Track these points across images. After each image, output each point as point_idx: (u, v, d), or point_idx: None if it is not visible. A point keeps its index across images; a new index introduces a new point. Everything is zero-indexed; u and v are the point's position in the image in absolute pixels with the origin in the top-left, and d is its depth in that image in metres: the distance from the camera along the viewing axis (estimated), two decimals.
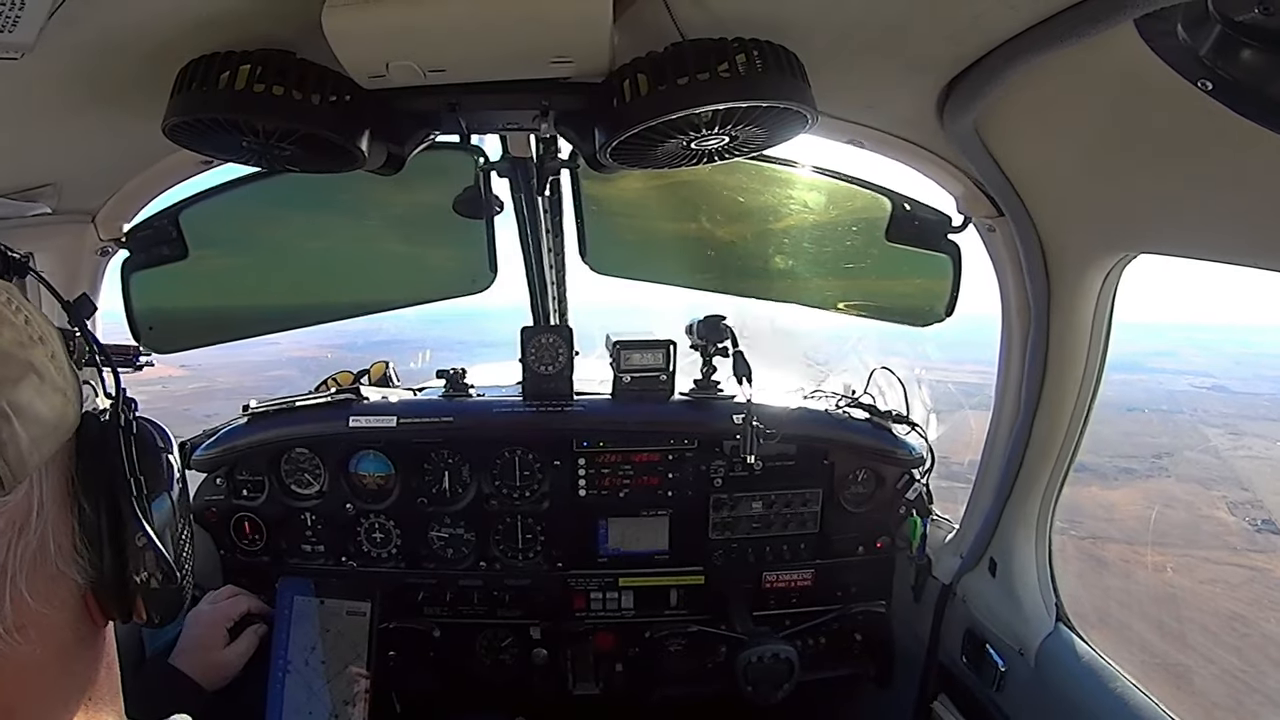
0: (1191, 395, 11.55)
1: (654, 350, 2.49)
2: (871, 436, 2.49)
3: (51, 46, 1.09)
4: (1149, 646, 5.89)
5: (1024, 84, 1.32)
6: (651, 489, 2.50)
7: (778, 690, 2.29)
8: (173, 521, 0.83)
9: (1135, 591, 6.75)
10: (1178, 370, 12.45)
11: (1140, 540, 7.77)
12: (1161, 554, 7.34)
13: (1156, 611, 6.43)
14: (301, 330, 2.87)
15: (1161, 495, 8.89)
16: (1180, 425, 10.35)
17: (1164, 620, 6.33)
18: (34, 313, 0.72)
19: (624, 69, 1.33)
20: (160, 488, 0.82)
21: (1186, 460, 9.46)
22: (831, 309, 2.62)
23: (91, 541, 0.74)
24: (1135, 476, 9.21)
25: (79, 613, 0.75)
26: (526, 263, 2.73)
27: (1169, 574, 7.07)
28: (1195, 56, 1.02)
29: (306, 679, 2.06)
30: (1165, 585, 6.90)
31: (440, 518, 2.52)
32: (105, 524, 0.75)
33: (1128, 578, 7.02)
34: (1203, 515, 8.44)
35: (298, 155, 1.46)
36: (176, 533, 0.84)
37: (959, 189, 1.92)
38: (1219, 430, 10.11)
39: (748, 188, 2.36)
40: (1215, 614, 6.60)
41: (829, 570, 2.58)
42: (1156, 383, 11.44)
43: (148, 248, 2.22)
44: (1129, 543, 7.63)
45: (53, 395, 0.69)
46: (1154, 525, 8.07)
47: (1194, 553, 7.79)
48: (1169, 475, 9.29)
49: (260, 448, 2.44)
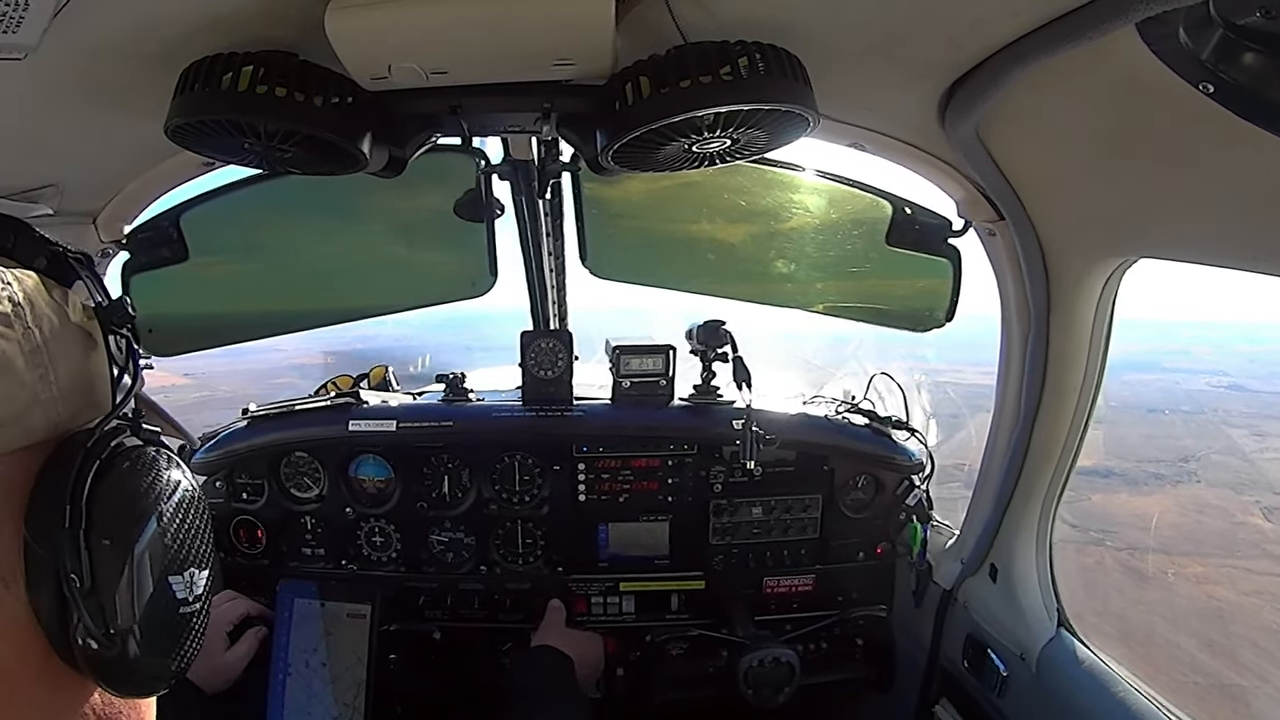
0: (1210, 395, 11.49)
1: (654, 355, 2.50)
2: (871, 443, 2.49)
3: (54, 47, 1.09)
4: (1200, 666, 5.77)
5: (1025, 88, 1.32)
6: (651, 494, 2.50)
7: (779, 694, 2.28)
8: (130, 574, 0.69)
9: (1179, 606, 6.65)
10: (1194, 370, 12.40)
11: (1178, 550, 7.68)
12: (1202, 564, 7.23)
13: (1203, 627, 6.32)
14: (305, 337, 2.87)
15: (1194, 502, 8.81)
16: (1203, 427, 10.29)
17: (1212, 637, 6.22)
18: (26, 298, 0.67)
19: (626, 71, 1.33)
20: (121, 529, 0.69)
21: (1214, 464, 9.39)
22: (831, 314, 2.62)
23: (31, 579, 0.66)
24: (1164, 482, 9.14)
25: (34, 650, 0.67)
26: (527, 266, 2.73)
27: (1212, 586, 6.96)
28: (1197, 60, 1.02)
29: (307, 681, 2.06)
30: (1209, 598, 6.80)
31: (440, 522, 2.52)
32: (31, 558, 0.65)
33: (1169, 590, 6.92)
34: (1238, 522, 8.35)
35: (299, 157, 1.46)
36: (135, 588, 0.69)
37: (960, 193, 1.92)
38: (1243, 431, 10.05)
39: (748, 191, 2.36)
40: (1264, 629, 6.46)
41: (830, 575, 2.57)
42: (1174, 382, 11.40)
43: (149, 250, 2.22)
44: (1167, 553, 7.53)
45: (7, 386, 0.63)
46: (1191, 534, 7.96)
47: (1235, 563, 7.68)
48: (1198, 480, 9.22)
49: (260, 451, 2.44)
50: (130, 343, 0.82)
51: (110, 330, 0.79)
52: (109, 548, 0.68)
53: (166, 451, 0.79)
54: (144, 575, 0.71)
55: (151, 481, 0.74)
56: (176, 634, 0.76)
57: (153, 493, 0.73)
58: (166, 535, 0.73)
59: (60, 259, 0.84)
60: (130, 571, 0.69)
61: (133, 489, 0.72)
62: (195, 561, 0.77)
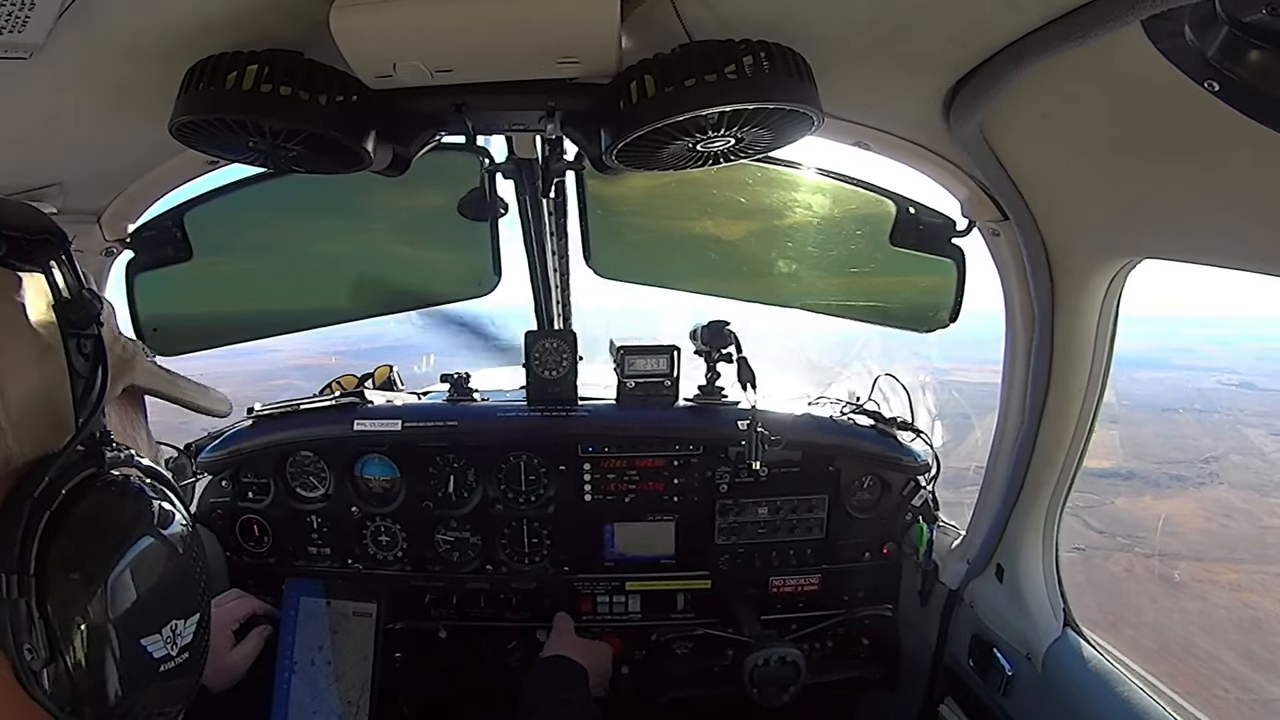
0: (1222, 393, 11.40)
1: (658, 356, 2.49)
2: (877, 443, 2.48)
3: (59, 47, 1.09)
4: (1241, 680, 5.65)
5: (1030, 86, 1.32)
6: (657, 494, 2.50)
7: (784, 693, 2.28)
8: (95, 643, 0.61)
9: (1215, 616, 6.53)
10: (1203, 367, 12.32)
11: (1210, 556, 7.55)
12: (1235, 571, 7.09)
13: (1241, 638, 6.20)
14: (306, 337, 2.87)
15: (1219, 505, 8.70)
16: (1219, 426, 10.21)
17: (1252, 649, 6.10)
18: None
19: (631, 70, 1.33)
20: (76, 596, 0.61)
21: (1234, 465, 9.29)
22: (835, 314, 2.62)
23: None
24: (1187, 484, 9.03)
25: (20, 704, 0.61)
26: (531, 266, 2.73)
27: (1246, 593, 6.82)
28: (1202, 58, 1.01)
29: (312, 679, 2.06)
30: (1244, 606, 6.68)
31: (446, 521, 2.52)
32: None
33: (1204, 599, 6.80)
34: (1266, 526, 8.24)
35: (304, 156, 1.46)
36: (101, 658, 0.61)
37: (964, 192, 1.91)
38: (1260, 431, 9.98)
39: (752, 190, 2.36)
40: None
41: (836, 575, 2.57)
42: (1184, 380, 11.33)
43: (152, 249, 2.22)
44: (1197, 559, 7.40)
45: None
46: (1220, 539, 7.82)
47: (1267, 569, 7.55)
48: (1221, 482, 9.11)
49: (265, 451, 2.45)
50: (99, 344, 0.71)
51: (72, 334, 0.68)
52: (66, 614, 0.60)
53: (143, 478, 0.69)
54: (110, 643, 0.63)
55: (117, 528, 0.65)
56: (160, 695, 0.68)
57: (118, 543, 0.64)
58: (138, 590, 0.64)
59: (19, 245, 0.69)
60: (94, 641, 0.61)
61: (92, 545, 0.63)
62: (180, 610, 0.69)
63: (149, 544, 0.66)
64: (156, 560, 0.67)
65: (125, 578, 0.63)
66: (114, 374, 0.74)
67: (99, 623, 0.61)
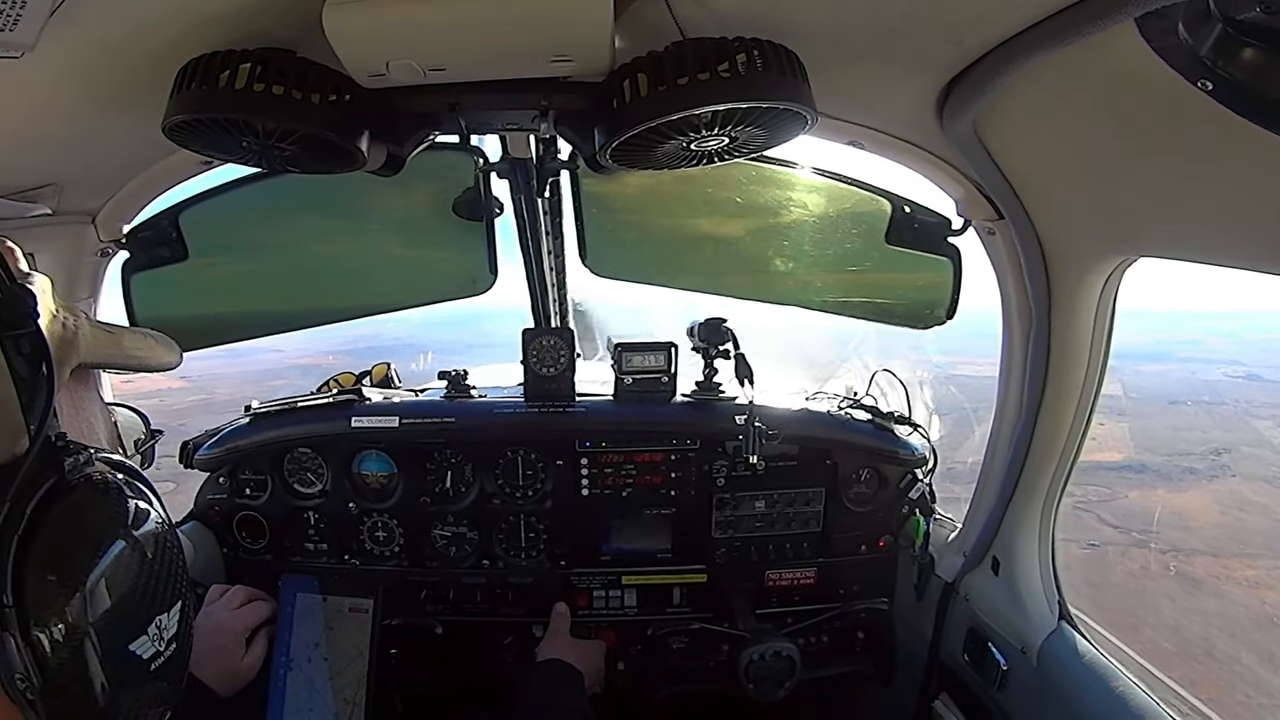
0: (1228, 385, 11.38)
1: (655, 353, 2.50)
2: (874, 437, 2.49)
3: (52, 46, 1.09)
4: (1263, 684, 5.57)
5: (1023, 84, 1.32)
6: (654, 488, 2.51)
7: (780, 688, 2.29)
8: (81, 663, 0.59)
9: (1235, 615, 6.45)
10: (1207, 359, 12.30)
11: (1226, 551, 7.47)
12: (1252, 567, 6.99)
13: (1263, 639, 6.12)
14: (304, 337, 2.87)
15: (1232, 498, 8.63)
16: (1227, 418, 10.17)
17: (1273, 650, 6.03)
18: None
19: (624, 68, 1.33)
20: (55, 587, 0.59)
21: (1245, 457, 9.24)
22: (832, 311, 2.62)
23: None
24: (1199, 477, 8.97)
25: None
26: (527, 264, 2.73)
27: (1265, 590, 6.73)
28: (1196, 56, 1.01)
29: (308, 676, 2.06)
30: (1263, 604, 6.59)
31: (443, 517, 2.53)
32: None
33: (1222, 598, 6.71)
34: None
35: (298, 155, 1.46)
36: (90, 674, 0.59)
37: (959, 191, 1.92)
38: (1268, 423, 9.96)
39: (748, 189, 2.36)
40: None
41: (832, 569, 2.58)
42: (1190, 373, 11.30)
43: (148, 249, 2.23)
44: (1214, 554, 7.32)
45: None
46: (1235, 534, 7.72)
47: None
48: (1233, 474, 9.05)
49: (263, 447, 2.45)
50: (37, 339, 0.66)
51: (8, 335, 0.64)
52: (52, 637, 0.58)
53: (106, 474, 0.66)
54: (99, 656, 0.61)
55: (89, 539, 0.62)
56: (154, 693, 0.68)
57: (93, 552, 0.62)
58: (119, 597, 0.63)
59: None
60: (83, 658, 0.60)
61: (65, 563, 0.60)
62: (162, 604, 0.68)
63: (123, 549, 0.65)
64: (132, 563, 0.65)
65: (103, 588, 0.62)
66: (58, 360, 0.71)
67: (86, 639, 0.60)
